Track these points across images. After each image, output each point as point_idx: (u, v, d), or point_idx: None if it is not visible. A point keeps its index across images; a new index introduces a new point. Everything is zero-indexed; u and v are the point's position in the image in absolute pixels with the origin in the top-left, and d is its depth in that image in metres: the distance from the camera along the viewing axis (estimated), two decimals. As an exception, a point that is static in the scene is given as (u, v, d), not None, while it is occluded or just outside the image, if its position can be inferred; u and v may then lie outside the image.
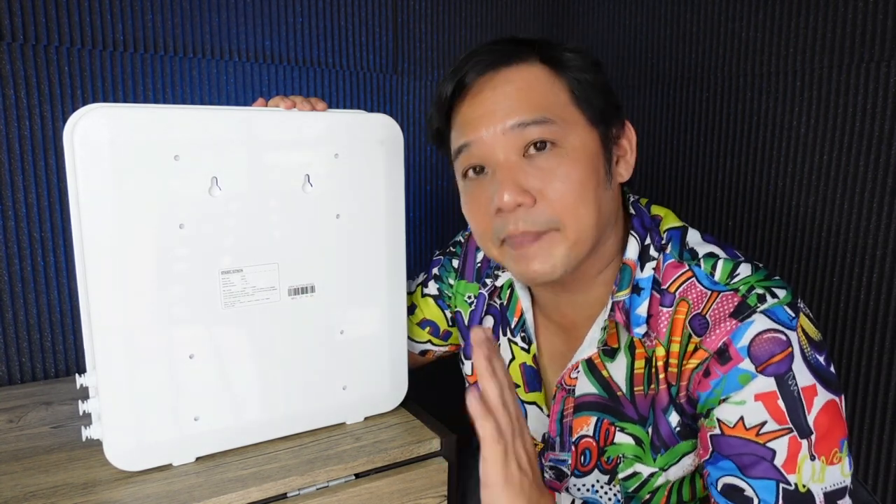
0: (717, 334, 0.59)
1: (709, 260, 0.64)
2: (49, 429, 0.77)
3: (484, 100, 0.64)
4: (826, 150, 0.94)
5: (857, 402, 0.93)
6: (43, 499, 0.62)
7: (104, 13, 0.94)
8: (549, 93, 0.63)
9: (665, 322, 0.63)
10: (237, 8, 1.04)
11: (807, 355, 0.57)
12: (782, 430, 0.56)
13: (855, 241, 0.91)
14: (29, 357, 0.94)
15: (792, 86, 0.97)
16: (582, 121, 0.64)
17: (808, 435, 0.56)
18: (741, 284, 0.60)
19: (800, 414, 0.56)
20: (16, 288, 0.92)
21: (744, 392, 0.57)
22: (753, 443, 0.57)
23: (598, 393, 0.68)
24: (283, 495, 0.67)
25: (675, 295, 0.63)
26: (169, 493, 0.63)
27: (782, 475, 0.56)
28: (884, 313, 0.89)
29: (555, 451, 0.72)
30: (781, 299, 0.59)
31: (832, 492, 0.56)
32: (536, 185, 0.62)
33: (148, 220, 0.62)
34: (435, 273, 0.89)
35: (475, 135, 0.64)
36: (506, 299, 0.79)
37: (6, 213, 0.90)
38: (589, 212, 0.62)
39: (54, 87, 0.91)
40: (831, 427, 0.57)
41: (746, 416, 0.57)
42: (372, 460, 0.72)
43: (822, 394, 0.56)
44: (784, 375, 0.56)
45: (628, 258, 0.66)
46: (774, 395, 0.56)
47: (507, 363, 0.78)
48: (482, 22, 1.32)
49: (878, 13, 0.87)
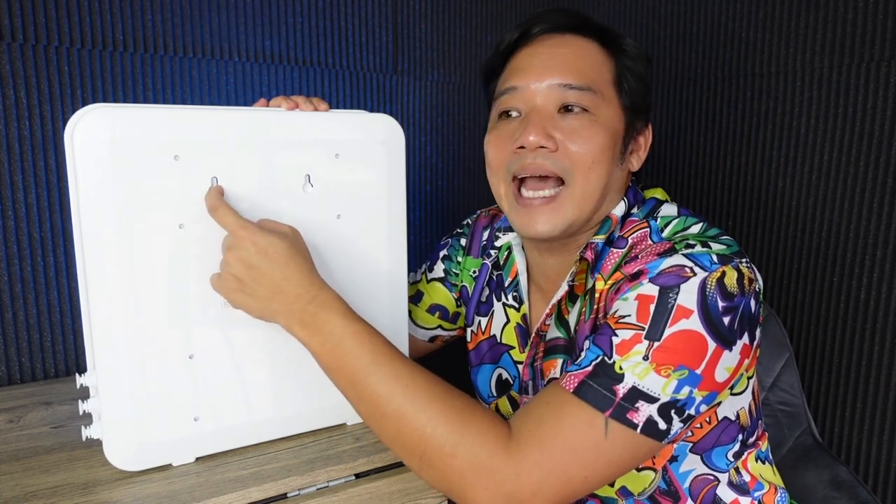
0: (636, 262, 0.64)
1: (666, 218, 0.70)
2: (49, 429, 0.77)
3: (541, 54, 0.71)
4: (826, 150, 0.94)
5: (858, 402, 0.93)
6: (43, 499, 0.62)
7: (104, 13, 0.94)
8: (597, 67, 0.71)
9: (613, 261, 0.69)
10: (237, 8, 1.04)
11: (706, 291, 0.59)
12: (636, 325, 0.59)
13: (855, 241, 0.91)
14: (29, 357, 0.94)
15: (792, 86, 0.97)
16: (616, 102, 0.71)
17: (654, 340, 0.58)
18: (679, 238, 0.65)
19: (660, 323, 0.58)
20: (16, 288, 0.92)
21: (631, 293, 0.61)
22: (609, 326, 0.61)
23: (562, 336, 0.73)
24: (284, 495, 0.67)
25: (628, 241, 0.70)
26: (169, 493, 0.63)
27: (611, 351, 0.59)
28: (884, 313, 0.89)
29: (528, 394, 0.76)
30: (712, 249, 0.62)
31: (641, 391, 0.57)
32: (560, 137, 0.68)
33: (148, 221, 0.62)
34: (444, 254, 0.93)
35: (523, 82, 0.71)
36: (502, 260, 0.84)
37: (6, 213, 0.90)
38: (599, 174, 0.69)
39: (54, 87, 0.91)
40: (681, 349, 0.58)
41: (620, 309, 0.61)
42: (372, 460, 0.72)
43: (693, 321, 0.58)
44: (669, 288, 0.59)
45: (613, 213, 0.73)
46: (650, 300, 0.59)
47: (502, 327, 0.83)
48: (482, 22, 1.32)
49: (878, 13, 0.87)
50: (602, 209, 0.72)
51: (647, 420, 0.57)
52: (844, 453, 0.95)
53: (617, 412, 0.57)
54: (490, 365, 0.85)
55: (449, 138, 1.30)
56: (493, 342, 0.84)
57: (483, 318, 0.86)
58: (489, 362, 0.85)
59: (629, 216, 0.73)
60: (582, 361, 0.60)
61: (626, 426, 0.57)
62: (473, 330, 0.87)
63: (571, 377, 0.60)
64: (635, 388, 0.57)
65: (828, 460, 0.82)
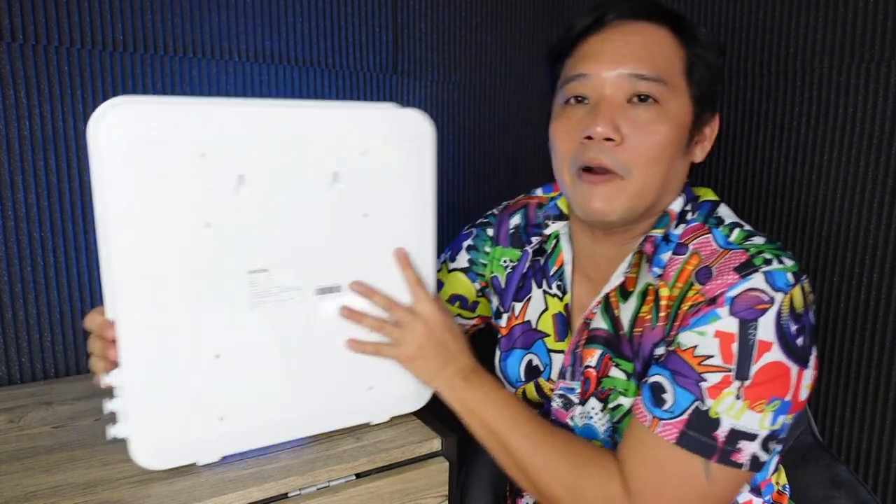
0: (716, 284, 0.63)
1: (728, 226, 0.69)
2: (49, 429, 0.77)
3: (613, 41, 0.70)
4: (826, 150, 0.94)
5: (858, 401, 0.93)
6: (43, 499, 0.62)
7: (104, 13, 0.94)
8: (669, 57, 0.69)
9: (674, 269, 0.69)
10: (237, 8, 1.04)
11: (781, 318, 0.60)
12: (722, 368, 0.60)
13: (855, 241, 0.91)
14: (29, 357, 0.94)
15: (792, 86, 0.97)
16: (686, 93, 0.70)
17: (744, 379, 0.60)
18: (752, 247, 0.65)
19: (747, 362, 0.60)
20: (16, 288, 0.92)
21: (708, 326, 0.61)
22: (692, 368, 0.62)
23: (606, 329, 0.74)
24: (284, 495, 0.67)
25: (689, 248, 0.69)
26: (170, 493, 0.63)
27: (702, 396, 0.60)
28: (884, 313, 0.89)
29: (566, 379, 0.77)
30: (787, 266, 0.62)
31: (741, 431, 0.60)
32: (627, 130, 0.67)
33: (174, 219, 0.60)
34: (469, 244, 0.92)
35: (594, 69, 0.69)
36: (550, 248, 0.83)
37: (6, 213, 0.90)
38: (659, 171, 0.68)
39: (54, 87, 0.91)
40: (770, 382, 0.60)
41: (700, 345, 0.62)
42: (373, 460, 0.72)
43: (775, 352, 0.60)
44: (748, 323, 0.60)
45: (671, 209, 0.72)
46: (732, 338, 0.60)
47: (539, 313, 0.83)
48: (482, 22, 1.32)
49: (878, 13, 0.87)
50: (662, 201, 0.71)
51: (751, 458, 0.60)
52: (844, 453, 0.95)
53: (721, 457, 0.59)
54: (521, 350, 0.84)
55: (449, 138, 1.30)
56: (527, 328, 0.83)
57: (518, 304, 0.85)
58: (520, 347, 0.84)
59: (684, 214, 0.72)
60: (674, 408, 0.61)
61: (730, 467, 0.60)
62: (508, 315, 0.86)
63: (668, 427, 0.61)
64: (734, 430, 0.59)
65: (828, 459, 0.82)
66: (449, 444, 0.77)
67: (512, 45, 1.38)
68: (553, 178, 0.78)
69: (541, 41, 1.43)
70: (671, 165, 0.69)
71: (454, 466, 0.76)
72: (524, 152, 1.42)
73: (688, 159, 0.73)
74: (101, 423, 0.79)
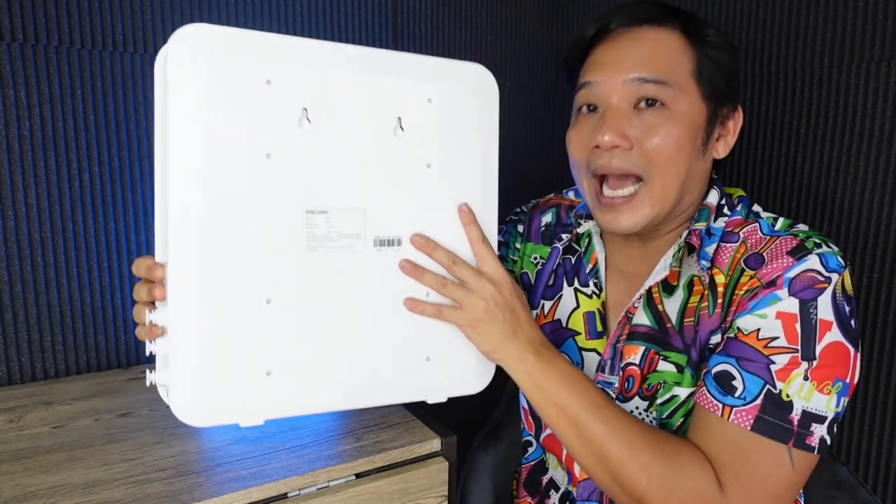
0: (772, 268, 0.64)
1: (771, 217, 0.71)
2: (49, 429, 0.77)
3: (618, 49, 0.71)
4: (826, 150, 0.94)
5: (857, 402, 0.93)
6: (43, 499, 0.62)
7: (104, 13, 0.94)
8: (675, 59, 0.69)
9: (728, 256, 0.69)
10: (237, 8, 1.04)
11: (837, 297, 0.62)
12: (789, 348, 0.61)
13: (855, 241, 0.92)
14: (29, 357, 0.94)
15: (792, 86, 0.97)
16: (696, 93, 0.70)
17: (811, 360, 0.60)
18: (800, 232, 0.66)
19: (811, 341, 0.60)
20: (16, 288, 0.92)
21: (769, 308, 0.62)
22: (759, 352, 0.62)
23: (649, 325, 0.73)
24: (284, 495, 0.67)
25: (740, 235, 0.70)
26: (170, 493, 0.63)
27: (773, 379, 0.61)
28: (884, 313, 0.89)
29: (604, 373, 0.76)
30: (835, 250, 0.64)
31: (812, 413, 0.60)
32: (636, 135, 0.68)
33: (236, 148, 0.59)
34: (499, 240, 0.89)
35: (600, 77, 0.71)
36: (583, 247, 0.83)
37: (6, 213, 0.90)
38: (677, 171, 0.69)
39: (54, 87, 0.91)
40: (834, 362, 0.61)
41: (763, 328, 0.62)
42: (372, 460, 0.72)
43: (835, 332, 0.61)
44: (808, 302, 0.61)
45: (709, 202, 0.73)
46: (794, 318, 0.61)
47: (570, 312, 0.82)
48: (482, 22, 1.32)
49: (878, 13, 0.87)
50: (686, 199, 0.72)
51: (820, 441, 0.61)
52: (844, 453, 0.95)
53: (798, 441, 0.60)
54: None
55: (449, 138, 1.30)
56: (557, 326, 0.83)
57: (548, 302, 0.85)
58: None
59: (721, 208, 0.73)
60: (745, 395, 0.61)
61: (806, 452, 0.60)
62: (537, 313, 0.86)
63: (742, 413, 0.61)
64: (806, 411, 0.60)
65: (828, 460, 0.82)
66: (449, 444, 0.77)
67: (512, 45, 1.38)
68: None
69: (541, 42, 1.43)
70: (689, 166, 0.69)
71: (454, 466, 0.76)
72: (524, 153, 1.42)
73: (709, 157, 0.73)
74: (101, 423, 0.79)
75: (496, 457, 0.96)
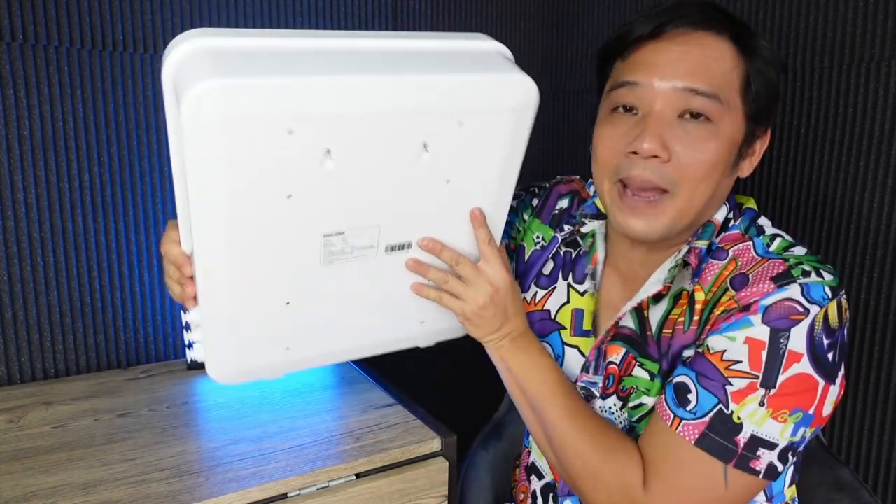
0: (751, 292, 0.63)
1: (770, 235, 0.69)
2: (49, 429, 0.77)
3: (669, 51, 0.66)
4: (826, 150, 0.94)
5: (858, 402, 0.93)
6: (43, 499, 0.62)
7: (104, 13, 0.94)
8: (727, 72, 0.65)
9: (712, 273, 0.68)
10: (237, 8, 1.04)
11: (814, 331, 0.60)
12: (749, 374, 0.60)
13: (855, 241, 0.91)
14: (29, 357, 0.94)
15: (792, 86, 0.97)
16: (741, 110, 0.66)
17: (769, 388, 0.60)
18: (791, 258, 0.64)
19: (774, 370, 0.60)
20: (16, 288, 0.92)
21: (739, 332, 0.61)
22: (719, 371, 0.62)
23: (633, 328, 0.73)
24: (284, 495, 0.67)
25: (729, 253, 0.68)
26: (170, 493, 0.63)
27: (727, 400, 0.61)
28: (884, 313, 0.89)
29: (588, 373, 0.77)
30: (825, 280, 0.62)
31: (761, 438, 0.60)
32: (676, 147, 0.65)
33: (257, 193, 0.59)
34: (511, 205, 0.88)
35: (647, 79, 0.66)
36: (586, 246, 0.82)
37: (6, 213, 0.90)
38: (706, 190, 0.66)
39: (54, 87, 0.91)
40: (796, 392, 0.60)
41: (729, 350, 0.61)
42: (372, 460, 0.72)
43: (804, 364, 0.60)
44: (780, 332, 0.60)
45: (715, 219, 0.71)
46: (762, 346, 0.60)
47: (560, 305, 0.82)
48: (482, 22, 1.32)
49: (878, 13, 0.87)
50: (704, 215, 0.70)
51: (768, 466, 0.60)
52: (846, 454, 0.95)
53: (740, 462, 0.60)
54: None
55: (449, 138, 1.31)
56: (545, 316, 0.83)
57: (541, 291, 0.84)
58: (535, 334, 0.82)
59: (727, 223, 0.72)
60: (696, 409, 0.62)
61: (748, 474, 0.60)
62: (527, 298, 0.86)
63: (690, 427, 0.61)
64: (755, 436, 0.60)
65: (830, 461, 0.82)
66: (449, 444, 0.77)
67: (512, 45, 1.38)
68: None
69: (540, 41, 1.43)
70: (718, 183, 0.67)
71: (454, 466, 0.77)
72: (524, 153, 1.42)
73: (734, 175, 0.70)
74: (101, 423, 0.79)
75: (496, 454, 0.96)
